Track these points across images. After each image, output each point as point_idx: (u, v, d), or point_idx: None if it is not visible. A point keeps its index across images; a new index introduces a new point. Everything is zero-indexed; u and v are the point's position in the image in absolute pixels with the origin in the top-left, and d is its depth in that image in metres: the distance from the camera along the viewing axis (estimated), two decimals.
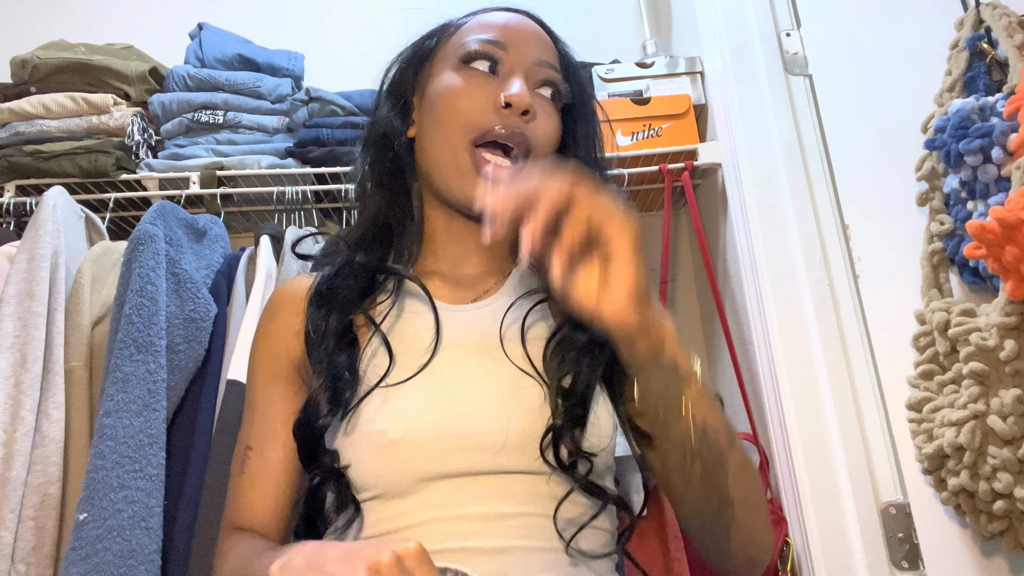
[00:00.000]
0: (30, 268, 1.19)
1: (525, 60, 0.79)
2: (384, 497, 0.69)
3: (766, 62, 1.33)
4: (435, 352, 0.73)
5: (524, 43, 0.80)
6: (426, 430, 0.69)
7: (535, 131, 0.77)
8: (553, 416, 0.68)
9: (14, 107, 1.48)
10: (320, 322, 0.76)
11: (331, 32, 1.88)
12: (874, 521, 1.06)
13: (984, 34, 1.03)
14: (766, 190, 1.27)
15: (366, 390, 0.71)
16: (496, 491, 0.68)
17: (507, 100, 0.75)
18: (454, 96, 0.77)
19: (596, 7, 1.90)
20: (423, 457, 0.68)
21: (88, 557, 0.97)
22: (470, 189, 0.74)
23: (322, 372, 0.73)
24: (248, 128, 1.55)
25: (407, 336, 0.75)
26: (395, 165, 0.84)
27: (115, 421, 1.05)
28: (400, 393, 0.71)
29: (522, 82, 0.77)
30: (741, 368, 1.35)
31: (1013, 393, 0.84)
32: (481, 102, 0.76)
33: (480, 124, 0.75)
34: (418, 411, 0.70)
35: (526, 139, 0.76)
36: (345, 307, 0.76)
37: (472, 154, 0.75)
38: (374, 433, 0.69)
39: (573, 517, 0.70)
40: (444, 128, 0.77)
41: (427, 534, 0.67)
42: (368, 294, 0.79)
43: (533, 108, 0.76)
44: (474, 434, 0.68)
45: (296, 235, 1.33)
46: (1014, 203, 0.79)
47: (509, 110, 0.75)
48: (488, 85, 0.77)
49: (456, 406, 0.70)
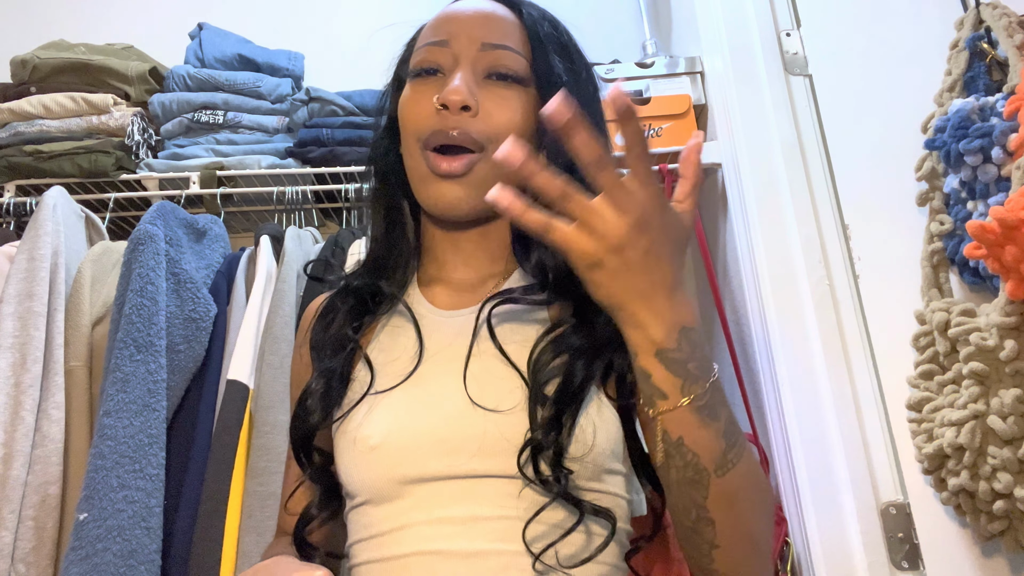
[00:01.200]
0: (30, 268, 1.19)
1: (469, 51, 0.77)
2: (371, 502, 0.72)
3: (766, 62, 1.33)
4: (419, 361, 0.74)
5: (467, 32, 0.77)
6: (405, 435, 0.70)
7: (484, 123, 0.75)
8: (532, 427, 0.67)
9: (14, 107, 1.49)
10: (319, 336, 0.81)
11: (331, 32, 1.88)
12: (874, 521, 1.06)
13: (984, 34, 1.03)
14: (766, 190, 1.27)
15: (356, 397, 0.75)
16: (474, 494, 0.68)
17: (440, 102, 0.74)
18: (404, 109, 0.79)
19: (596, 7, 1.90)
20: (401, 461, 0.70)
21: (88, 557, 0.97)
22: (431, 190, 0.75)
23: (315, 376, 0.78)
24: (248, 128, 1.55)
25: (398, 348, 0.77)
26: (393, 186, 0.85)
27: (115, 421, 1.06)
28: (384, 401, 0.73)
29: (462, 77, 0.75)
30: (741, 368, 1.35)
31: (1013, 393, 0.84)
32: (425, 109, 0.76)
33: (423, 130, 0.75)
34: (398, 417, 0.71)
35: (469, 137, 0.74)
36: (340, 325, 0.80)
37: (425, 157, 0.76)
38: (358, 439, 0.72)
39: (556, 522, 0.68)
40: (405, 141, 0.78)
41: (407, 537, 0.68)
42: (365, 312, 0.81)
43: (473, 102, 0.74)
44: (451, 438, 0.69)
45: (294, 249, 1.33)
46: (1014, 203, 0.79)
47: (446, 111, 0.74)
48: (430, 90, 0.77)
49: (436, 411, 0.71)
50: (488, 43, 0.77)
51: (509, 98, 0.76)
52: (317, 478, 0.78)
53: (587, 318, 0.72)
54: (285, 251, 1.33)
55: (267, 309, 1.26)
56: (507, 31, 0.78)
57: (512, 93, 0.77)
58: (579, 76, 0.81)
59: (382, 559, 0.69)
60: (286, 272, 1.29)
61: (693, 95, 1.54)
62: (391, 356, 0.77)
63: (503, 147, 0.54)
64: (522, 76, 0.77)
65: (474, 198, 0.75)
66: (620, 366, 0.72)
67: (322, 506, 0.77)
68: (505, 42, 0.77)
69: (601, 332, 0.71)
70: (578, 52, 0.83)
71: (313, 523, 0.78)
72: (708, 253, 1.43)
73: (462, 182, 0.75)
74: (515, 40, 0.78)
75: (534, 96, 0.77)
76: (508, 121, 0.75)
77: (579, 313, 0.73)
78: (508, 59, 0.77)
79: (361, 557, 0.72)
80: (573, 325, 0.72)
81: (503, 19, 0.79)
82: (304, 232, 1.40)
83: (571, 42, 0.83)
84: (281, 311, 1.24)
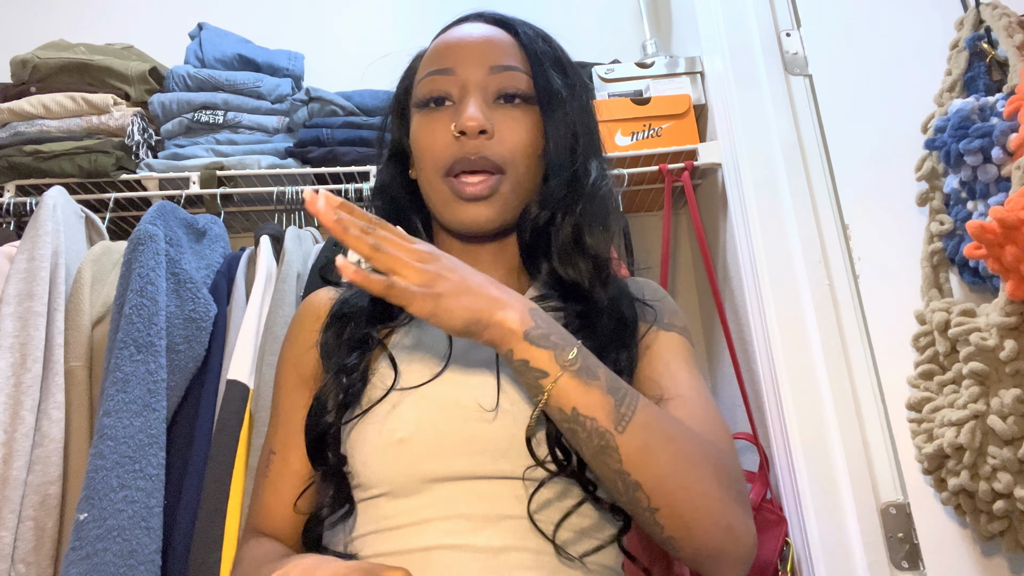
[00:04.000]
0: (30, 268, 1.19)
1: (476, 76, 0.80)
2: (389, 495, 0.71)
3: (766, 62, 1.33)
4: (448, 360, 0.76)
5: (472, 58, 0.80)
6: (433, 431, 0.71)
7: (501, 146, 0.78)
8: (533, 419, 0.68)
9: (14, 107, 1.48)
10: (334, 337, 0.81)
11: (331, 32, 1.88)
12: (874, 521, 1.07)
13: (984, 34, 1.03)
14: (766, 190, 1.27)
15: (379, 395, 0.75)
16: (498, 494, 0.70)
17: (458, 129, 0.77)
18: (419, 141, 0.81)
19: (596, 7, 1.90)
20: (428, 457, 0.70)
21: (88, 557, 0.97)
22: (458, 213, 0.79)
23: (332, 375, 0.77)
24: (248, 128, 1.55)
25: (423, 347, 0.78)
26: (403, 207, 0.87)
27: (115, 421, 1.05)
28: (412, 397, 0.74)
29: (474, 102, 0.78)
30: (741, 368, 1.35)
31: (1013, 393, 0.84)
32: (441, 139, 0.79)
33: (445, 159, 0.78)
34: (428, 414, 0.72)
35: (489, 160, 0.77)
36: (359, 324, 0.80)
37: (449, 184, 0.79)
38: (384, 431, 0.72)
39: (585, 527, 0.71)
40: (425, 171, 0.81)
41: (429, 531, 0.69)
42: (385, 314, 0.82)
43: (489, 126, 0.77)
44: (479, 439, 0.70)
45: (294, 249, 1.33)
46: (1014, 203, 0.79)
47: (465, 137, 0.77)
48: (444, 119, 0.80)
49: (465, 412, 0.72)
50: (496, 66, 0.80)
51: (519, 118, 0.80)
52: (330, 478, 0.76)
53: (591, 320, 0.76)
54: (285, 251, 1.33)
55: (267, 309, 1.26)
56: (509, 52, 0.82)
57: (520, 113, 0.80)
58: (574, 89, 0.84)
59: (400, 552, 0.69)
60: (286, 272, 1.29)
61: (693, 95, 1.54)
62: (417, 354, 0.78)
63: (318, 202, 0.61)
64: (528, 95, 0.81)
65: (498, 216, 0.79)
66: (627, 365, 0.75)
67: (335, 506, 0.75)
68: (513, 61, 0.81)
69: (603, 332, 0.75)
70: (571, 65, 0.86)
71: (323, 525, 0.77)
72: (708, 253, 1.43)
73: (487, 203, 0.78)
74: (518, 60, 0.81)
75: (538, 113, 0.81)
76: (520, 141, 0.79)
77: (583, 315, 0.77)
78: (516, 80, 0.80)
79: (374, 549, 0.71)
80: (578, 326, 0.75)
81: (504, 41, 0.82)
82: (304, 232, 1.40)
83: (565, 56, 0.87)
84: (281, 311, 1.24)
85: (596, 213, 0.81)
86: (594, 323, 0.76)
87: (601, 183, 0.83)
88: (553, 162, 0.80)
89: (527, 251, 0.81)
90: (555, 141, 0.80)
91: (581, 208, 0.80)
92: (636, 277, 0.90)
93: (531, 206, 0.79)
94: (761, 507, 1.22)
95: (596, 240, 0.80)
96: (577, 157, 0.81)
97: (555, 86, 0.81)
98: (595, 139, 0.85)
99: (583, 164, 0.82)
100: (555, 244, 0.79)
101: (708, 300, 1.55)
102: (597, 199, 0.81)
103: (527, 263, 0.83)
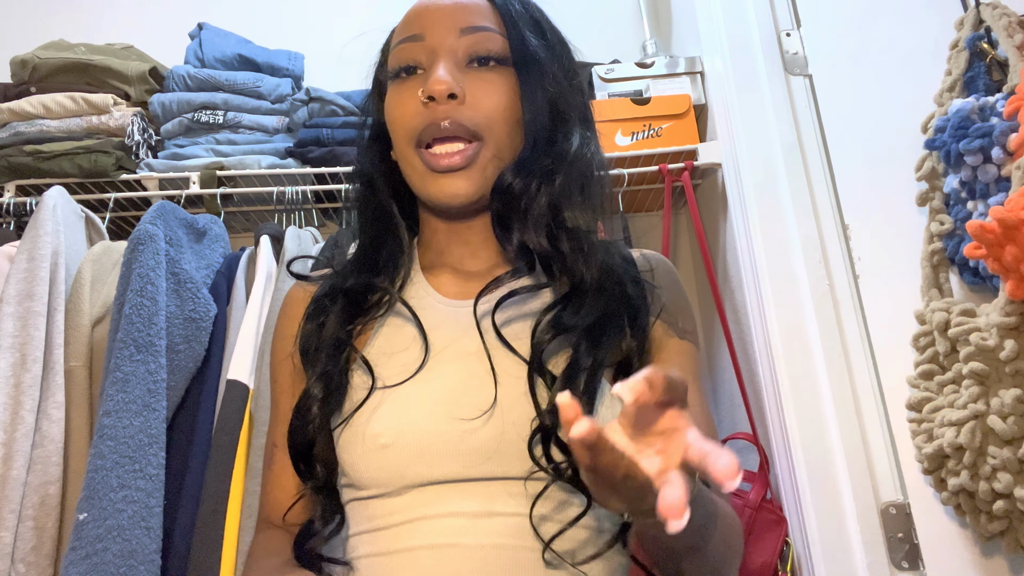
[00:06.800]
0: (30, 268, 1.19)
1: (446, 39, 0.76)
2: (378, 496, 0.71)
3: (766, 62, 1.33)
4: (427, 356, 0.73)
5: (441, 21, 0.76)
6: (415, 434, 0.69)
7: (475, 111, 0.74)
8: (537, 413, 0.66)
9: (14, 107, 1.48)
10: (310, 339, 0.77)
11: (331, 32, 1.88)
12: (874, 521, 1.06)
13: (984, 34, 1.03)
14: (766, 190, 1.27)
15: (360, 396, 0.72)
16: (488, 493, 0.68)
17: (426, 95, 0.73)
18: (391, 113, 0.78)
19: (596, 7, 1.90)
20: (413, 461, 0.68)
21: (88, 557, 0.97)
22: (432, 188, 0.75)
23: (313, 381, 0.75)
24: (248, 128, 1.55)
25: (402, 342, 0.75)
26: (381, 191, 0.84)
27: (115, 421, 1.05)
28: (392, 397, 0.71)
29: (444, 66, 0.74)
30: (741, 368, 1.35)
31: (1013, 393, 0.84)
32: (411, 107, 0.75)
33: (414, 127, 0.75)
34: (409, 414, 0.70)
35: (463, 127, 0.73)
36: (334, 327, 0.77)
37: (421, 156, 0.75)
38: (368, 436, 0.70)
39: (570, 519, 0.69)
40: (397, 143, 0.78)
41: (418, 530, 0.68)
42: (358, 314, 0.79)
43: (459, 89, 0.73)
44: (467, 439, 0.68)
45: (294, 249, 1.33)
46: (1014, 203, 0.79)
47: (434, 103, 0.73)
48: (414, 87, 0.76)
49: (450, 410, 0.69)
50: (468, 27, 0.76)
51: (494, 81, 0.76)
52: (319, 491, 0.75)
53: (579, 297, 0.72)
54: (285, 251, 1.33)
55: (267, 309, 1.26)
56: (482, 13, 0.78)
57: (496, 76, 0.76)
58: (554, 50, 0.80)
59: (389, 552, 0.69)
60: (286, 272, 1.29)
61: (693, 95, 1.54)
62: (395, 350, 0.75)
63: (576, 429, 0.45)
64: (503, 57, 0.76)
65: (478, 190, 0.75)
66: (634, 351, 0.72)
67: (326, 520, 0.74)
68: (483, 23, 0.77)
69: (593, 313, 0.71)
70: (551, 26, 0.83)
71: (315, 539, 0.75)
72: (708, 253, 1.43)
73: (464, 174, 0.74)
74: (491, 21, 0.78)
75: (514, 76, 0.76)
76: (496, 105, 0.75)
77: (572, 293, 0.72)
78: (488, 41, 0.76)
79: (364, 549, 0.70)
80: (565, 305, 0.71)
81: (476, 3, 0.79)
82: (304, 232, 1.39)
83: (543, 17, 0.83)
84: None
85: (577, 183, 0.76)
86: (580, 304, 0.71)
87: (584, 151, 0.78)
88: (530, 127, 0.75)
89: (500, 223, 0.76)
90: (532, 104, 0.75)
91: (561, 179, 0.75)
92: (645, 250, 0.85)
93: (505, 174, 0.74)
94: (761, 507, 1.22)
95: (575, 213, 0.75)
96: (557, 123, 0.77)
97: (531, 47, 0.76)
98: (578, 104, 0.80)
99: (564, 130, 0.77)
100: (530, 215, 0.74)
101: (708, 300, 1.55)
102: (577, 168, 0.76)
103: (500, 236, 0.77)
